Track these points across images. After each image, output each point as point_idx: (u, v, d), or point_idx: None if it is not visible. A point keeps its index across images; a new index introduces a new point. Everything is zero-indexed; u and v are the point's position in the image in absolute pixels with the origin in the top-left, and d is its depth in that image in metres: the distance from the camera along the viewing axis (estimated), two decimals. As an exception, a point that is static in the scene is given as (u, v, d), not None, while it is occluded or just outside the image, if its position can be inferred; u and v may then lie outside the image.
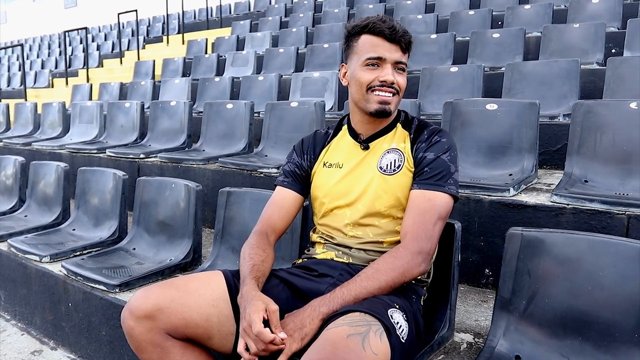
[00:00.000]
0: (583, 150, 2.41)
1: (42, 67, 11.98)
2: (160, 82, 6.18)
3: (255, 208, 2.19)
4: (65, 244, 2.76)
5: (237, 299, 1.38)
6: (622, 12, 4.97)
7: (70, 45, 13.40)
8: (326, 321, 1.27)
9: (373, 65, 1.49)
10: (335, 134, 1.69)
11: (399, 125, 1.61)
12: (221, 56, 7.02)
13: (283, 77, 5.22)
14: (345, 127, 1.67)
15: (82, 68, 10.35)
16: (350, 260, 1.54)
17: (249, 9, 11.99)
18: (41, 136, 5.55)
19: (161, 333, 1.38)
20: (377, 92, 1.49)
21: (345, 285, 1.36)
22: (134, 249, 2.59)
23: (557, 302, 1.43)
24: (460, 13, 6.01)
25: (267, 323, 1.26)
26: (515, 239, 1.52)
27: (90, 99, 6.75)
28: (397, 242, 1.49)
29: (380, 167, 1.54)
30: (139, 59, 9.47)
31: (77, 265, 2.40)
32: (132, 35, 12.26)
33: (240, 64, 6.56)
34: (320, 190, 1.62)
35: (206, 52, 8.17)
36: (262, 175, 3.05)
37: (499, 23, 5.75)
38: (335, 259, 1.56)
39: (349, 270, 1.50)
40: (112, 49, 11.85)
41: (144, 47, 10.89)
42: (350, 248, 1.55)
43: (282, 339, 1.23)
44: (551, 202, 2.13)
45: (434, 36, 5.29)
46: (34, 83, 10.50)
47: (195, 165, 3.46)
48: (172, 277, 2.31)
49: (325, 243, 1.61)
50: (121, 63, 10.12)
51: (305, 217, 2.02)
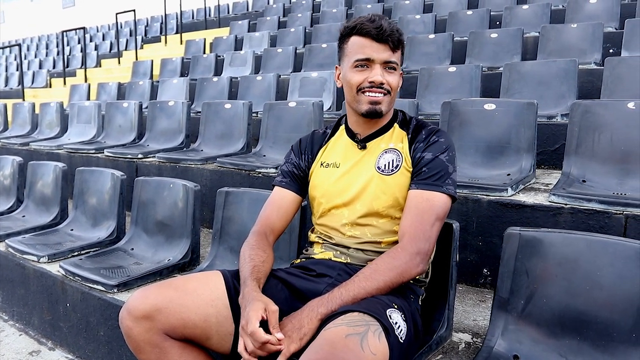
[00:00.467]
0: (581, 150, 2.41)
1: (40, 67, 11.97)
2: (158, 82, 6.18)
3: (253, 208, 2.19)
4: (63, 244, 2.76)
5: (239, 300, 1.38)
6: (620, 12, 4.98)
7: (68, 45, 13.39)
8: (325, 321, 1.27)
9: (362, 66, 1.49)
10: (332, 134, 1.69)
11: (396, 125, 1.60)
12: (219, 56, 7.02)
13: (281, 77, 5.22)
14: (342, 127, 1.68)
15: (80, 68, 10.34)
16: (349, 260, 1.54)
17: (247, 9, 11.99)
18: (39, 136, 5.54)
19: (159, 333, 1.38)
20: (367, 94, 1.49)
21: (344, 285, 1.36)
22: (132, 249, 2.59)
23: (555, 301, 1.43)
24: (458, 13, 6.02)
25: (266, 324, 1.26)
26: (513, 239, 1.52)
27: (88, 99, 6.74)
28: (395, 242, 1.49)
29: (378, 167, 1.54)
30: (137, 59, 9.46)
31: (75, 265, 2.40)
32: (130, 35, 12.25)
33: (238, 64, 6.56)
34: (318, 190, 1.62)
35: (204, 52, 8.17)
36: (260, 175, 3.05)
37: (497, 23, 5.76)
38: (334, 258, 1.56)
39: (347, 270, 1.50)
40: (110, 49, 11.84)
41: (142, 47, 10.88)
42: (349, 248, 1.55)
43: (279, 340, 1.22)
44: (549, 202, 2.13)
45: (432, 36, 5.29)
46: (32, 83, 10.49)
47: (193, 165, 3.45)
48: (170, 277, 2.31)
49: (324, 243, 1.61)
50: (119, 63, 10.11)
51: (303, 217, 2.02)
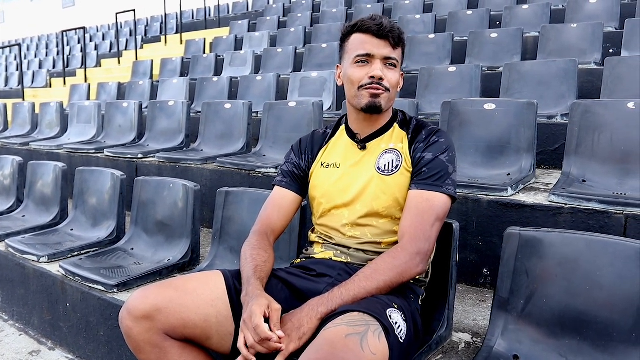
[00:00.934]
0: (581, 150, 2.41)
1: (40, 67, 11.97)
2: (158, 82, 6.18)
3: (253, 208, 2.19)
4: (63, 244, 2.76)
5: (242, 298, 1.38)
6: (620, 12, 4.98)
7: (68, 45, 13.39)
8: (324, 321, 1.27)
9: (362, 62, 1.50)
10: (333, 134, 1.69)
11: (396, 125, 1.60)
12: (219, 56, 7.02)
13: (281, 77, 5.22)
14: (342, 127, 1.68)
15: (80, 68, 10.34)
16: (349, 260, 1.54)
17: (247, 9, 12.00)
18: (39, 136, 5.54)
19: (159, 333, 1.38)
20: (368, 89, 1.49)
21: (344, 285, 1.36)
22: (132, 249, 2.59)
23: (555, 301, 1.43)
24: (458, 13, 6.02)
25: (267, 321, 1.26)
26: (513, 239, 1.52)
27: (88, 98, 6.74)
28: (395, 242, 1.49)
29: (378, 168, 1.54)
30: (137, 58, 9.46)
31: (75, 265, 2.40)
32: (130, 35, 12.25)
33: (238, 64, 6.56)
34: (318, 191, 1.62)
35: (204, 52, 8.17)
36: (260, 175, 3.05)
37: (497, 23, 5.76)
38: (334, 258, 1.56)
39: (348, 270, 1.50)
40: (110, 49, 11.84)
41: (142, 47, 10.88)
42: (349, 248, 1.55)
43: (279, 337, 1.22)
44: (549, 201, 2.13)
45: (432, 36, 5.29)
46: (32, 83, 10.49)
47: (193, 165, 3.45)
48: (170, 277, 2.31)
49: (324, 243, 1.61)
50: (119, 63, 10.11)
51: (303, 217, 2.02)
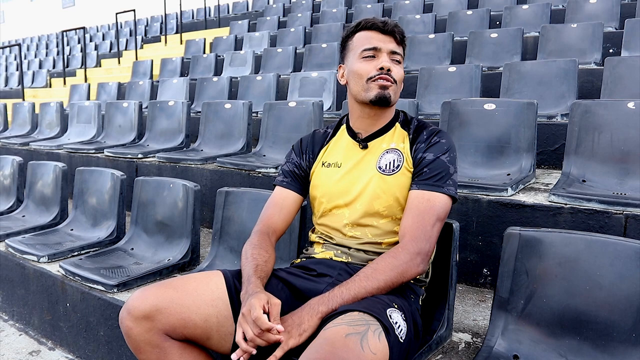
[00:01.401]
0: (581, 150, 2.42)
1: (40, 66, 11.98)
2: (158, 82, 6.18)
3: (253, 208, 2.19)
4: (63, 244, 2.76)
5: (241, 295, 1.38)
6: (620, 12, 4.98)
7: (68, 45, 13.40)
8: (325, 320, 1.28)
9: (370, 56, 1.51)
10: (334, 134, 1.69)
11: (397, 125, 1.61)
12: (219, 56, 7.02)
13: (281, 77, 5.22)
14: (344, 127, 1.68)
15: (80, 68, 10.34)
16: (350, 260, 1.54)
17: (247, 9, 12.00)
18: (39, 136, 5.54)
19: (159, 334, 1.38)
20: (377, 81, 1.51)
21: (344, 284, 1.36)
22: (132, 249, 2.59)
23: (555, 301, 1.43)
24: (458, 13, 6.02)
25: (267, 317, 1.26)
26: (513, 239, 1.52)
27: (88, 98, 6.74)
28: (396, 242, 1.49)
29: (379, 167, 1.54)
30: (137, 58, 9.47)
31: (75, 265, 2.40)
32: (130, 35, 12.25)
33: (238, 64, 6.56)
34: (319, 190, 1.62)
35: (204, 52, 8.17)
36: (260, 175, 3.05)
37: (497, 23, 5.76)
38: (334, 258, 1.56)
39: (348, 270, 1.50)
40: (110, 49, 11.85)
41: (142, 47, 10.88)
42: (350, 248, 1.55)
43: (278, 331, 1.22)
44: (549, 201, 2.13)
45: (432, 36, 5.29)
46: (32, 83, 10.49)
47: (193, 165, 3.45)
48: (170, 277, 2.31)
49: (325, 243, 1.61)
50: (119, 63, 10.11)
51: (304, 217, 2.02)
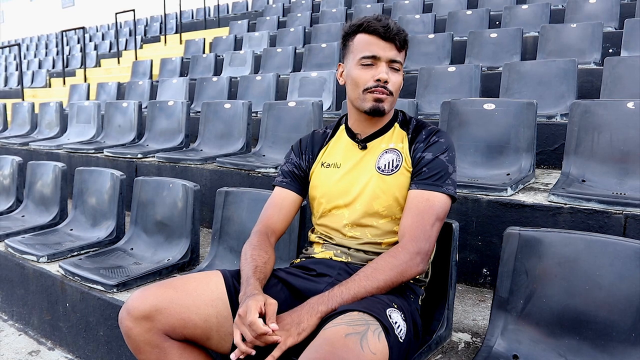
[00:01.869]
0: (580, 150, 2.42)
1: (40, 66, 11.97)
2: (158, 81, 6.18)
3: (253, 208, 2.19)
4: (63, 244, 2.76)
5: (239, 297, 1.38)
6: (620, 12, 4.98)
7: (67, 45, 13.39)
8: (324, 320, 1.28)
9: (368, 64, 1.50)
10: (333, 134, 1.69)
11: (396, 125, 1.61)
12: (219, 56, 7.02)
13: (281, 77, 5.22)
14: (342, 127, 1.68)
15: (80, 68, 10.34)
16: (349, 260, 1.54)
17: (247, 9, 12.00)
18: (38, 136, 5.54)
19: (159, 334, 1.38)
20: (373, 92, 1.50)
21: (344, 284, 1.36)
22: (132, 249, 2.59)
23: (554, 301, 1.43)
24: (458, 13, 6.02)
25: (263, 318, 1.26)
26: (512, 239, 1.52)
27: (88, 98, 6.74)
28: (396, 242, 1.49)
29: (379, 167, 1.54)
30: (136, 58, 9.46)
31: (74, 265, 2.40)
32: (130, 35, 12.25)
33: (238, 64, 6.56)
34: (318, 191, 1.62)
35: (204, 52, 8.16)
36: (260, 175, 3.05)
37: (497, 23, 5.76)
38: (334, 258, 1.56)
39: (348, 270, 1.50)
40: (110, 49, 11.85)
41: (141, 47, 10.88)
42: (349, 248, 1.55)
43: (273, 330, 1.22)
44: (549, 201, 2.13)
45: (431, 36, 5.29)
46: (32, 83, 10.49)
47: (193, 165, 3.45)
48: (169, 277, 2.31)
49: (324, 243, 1.61)
50: (119, 63, 10.11)
51: (303, 217, 2.02)
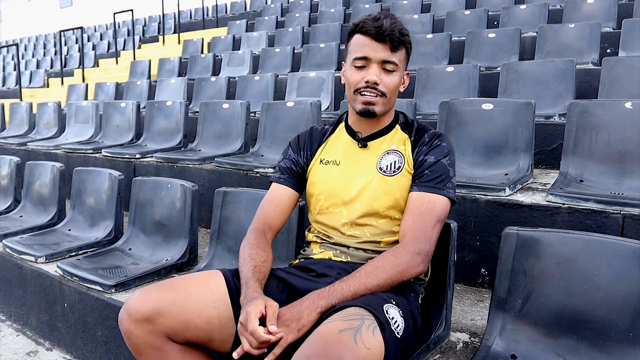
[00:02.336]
0: (578, 150, 2.42)
1: (38, 66, 11.95)
2: (156, 81, 6.17)
3: (251, 208, 2.18)
4: (61, 244, 2.76)
5: (240, 300, 1.37)
6: (617, 12, 4.99)
7: (65, 44, 13.37)
8: (323, 316, 1.28)
9: (360, 66, 1.49)
10: (332, 131, 1.68)
11: (397, 127, 1.61)
12: (217, 56, 7.01)
13: (279, 77, 5.22)
14: (342, 125, 1.67)
15: (78, 68, 10.32)
16: (349, 259, 1.54)
17: (245, 9, 11.99)
18: (36, 136, 5.53)
19: (160, 336, 1.37)
20: (363, 94, 1.49)
21: (345, 280, 1.36)
22: (130, 249, 2.59)
23: (552, 301, 1.43)
24: (456, 13, 6.02)
25: (264, 321, 1.26)
26: (511, 239, 1.53)
27: (86, 98, 6.73)
28: (395, 242, 1.50)
29: (380, 168, 1.54)
30: (134, 58, 9.45)
31: (72, 265, 2.39)
32: (128, 35, 12.23)
33: (236, 64, 6.55)
34: (317, 188, 1.61)
35: (202, 52, 8.16)
36: (258, 175, 3.05)
37: (495, 23, 5.76)
38: (334, 258, 1.56)
39: (347, 269, 1.49)
40: (108, 49, 11.83)
41: (139, 47, 10.87)
42: (348, 247, 1.55)
43: (273, 332, 1.22)
44: (547, 201, 2.13)
45: (429, 36, 5.29)
46: (30, 83, 10.47)
47: (191, 165, 3.45)
48: (168, 277, 2.31)
49: (322, 242, 1.60)
50: (117, 63, 10.10)
51: (302, 217, 2.02)
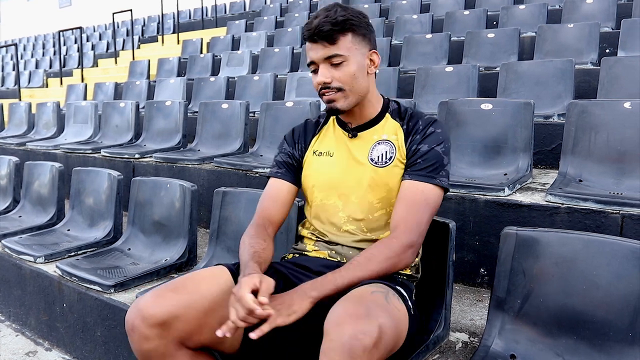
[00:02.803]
0: (577, 150, 2.42)
1: (37, 66, 11.93)
2: (155, 81, 6.17)
3: (250, 208, 2.18)
4: (60, 244, 2.75)
5: (238, 279, 1.34)
6: (616, 12, 4.99)
7: (64, 44, 13.35)
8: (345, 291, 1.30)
9: (313, 70, 1.49)
10: (325, 123, 1.67)
11: (387, 115, 1.58)
12: (216, 56, 7.01)
13: (278, 77, 5.22)
14: (333, 117, 1.66)
15: (77, 68, 10.31)
16: (345, 261, 1.52)
17: (244, 9, 11.98)
18: (35, 136, 5.53)
19: (174, 342, 1.34)
20: (322, 94, 1.49)
21: (338, 271, 1.35)
22: (129, 249, 2.59)
23: (551, 301, 1.43)
24: (455, 13, 6.02)
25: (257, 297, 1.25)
26: (510, 239, 1.53)
27: (85, 98, 6.72)
28: None
29: (372, 159, 1.53)
30: (134, 58, 9.44)
31: (71, 265, 2.39)
32: (127, 35, 12.22)
33: (235, 64, 6.55)
34: (311, 179, 1.61)
35: (201, 52, 8.16)
36: (257, 175, 3.05)
37: (494, 23, 5.77)
38: (329, 258, 1.55)
39: None
40: (107, 49, 11.81)
41: (138, 47, 10.86)
42: (343, 246, 1.54)
43: (262, 303, 1.21)
44: (546, 201, 2.14)
45: (429, 36, 5.30)
46: (28, 83, 10.46)
47: (190, 165, 3.45)
48: (167, 277, 2.31)
49: (317, 241, 1.59)
50: (116, 63, 10.09)
51: (301, 214, 2.01)
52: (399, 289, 1.38)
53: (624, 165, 2.27)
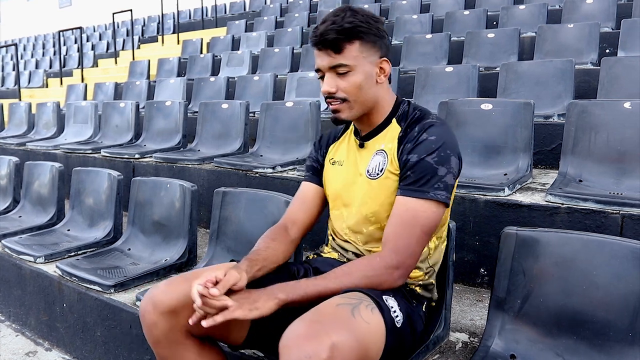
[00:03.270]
0: (577, 150, 2.42)
1: (37, 66, 11.93)
2: (155, 82, 6.17)
3: (250, 208, 2.19)
4: (60, 244, 2.75)
5: None
6: (616, 12, 5.00)
7: (64, 45, 13.35)
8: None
9: (320, 77, 1.44)
10: (345, 130, 1.65)
11: (394, 121, 1.47)
12: (216, 56, 7.01)
13: (278, 77, 5.22)
14: (352, 124, 1.61)
15: (77, 68, 10.31)
16: None
17: (244, 9, 11.98)
18: (35, 136, 5.53)
19: (182, 330, 1.36)
20: (328, 103, 1.44)
21: (313, 279, 1.35)
22: (129, 249, 2.59)
23: (551, 301, 1.43)
24: (455, 13, 6.02)
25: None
26: (510, 239, 1.53)
27: (85, 99, 6.72)
28: None
29: (367, 171, 1.47)
30: (134, 58, 9.45)
31: (71, 265, 2.39)
32: (127, 35, 12.22)
33: (235, 64, 6.55)
34: (327, 188, 1.61)
35: (201, 52, 8.16)
36: (257, 175, 3.05)
37: (494, 23, 5.77)
38: (338, 259, 1.57)
39: None
40: (107, 49, 11.82)
41: (139, 47, 10.86)
42: (347, 251, 1.56)
43: (212, 294, 1.20)
44: (546, 201, 2.14)
45: (429, 36, 5.30)
46: (28, 83, 10.46)
47: (190, 166, 3.45)
48: (167, 277, 2.31)
49: (332, 241, 1.63)
50: (116, 63, 10.09)
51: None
52: (386, 298, 1.30)
53: (624, 165, 2.27)
